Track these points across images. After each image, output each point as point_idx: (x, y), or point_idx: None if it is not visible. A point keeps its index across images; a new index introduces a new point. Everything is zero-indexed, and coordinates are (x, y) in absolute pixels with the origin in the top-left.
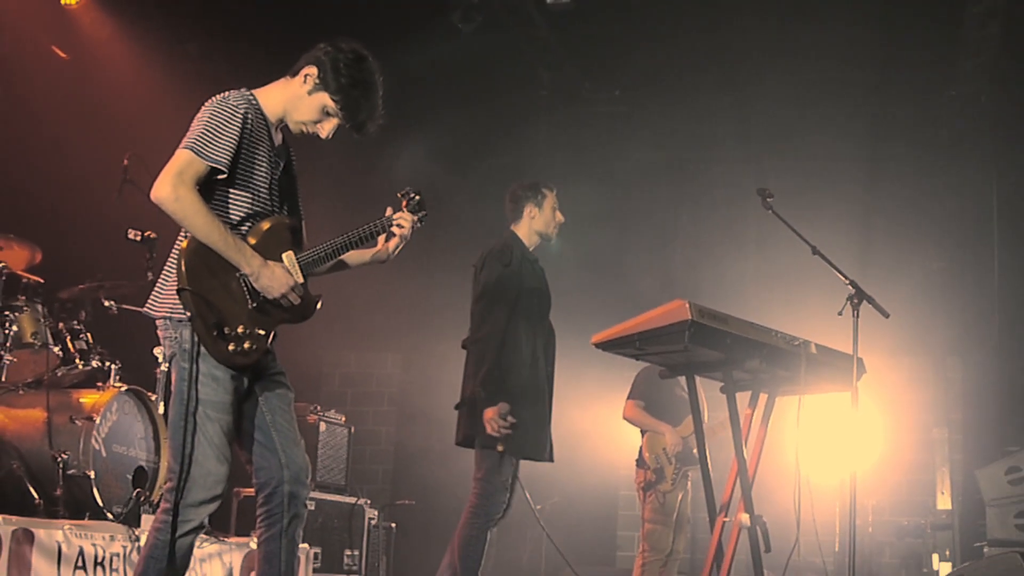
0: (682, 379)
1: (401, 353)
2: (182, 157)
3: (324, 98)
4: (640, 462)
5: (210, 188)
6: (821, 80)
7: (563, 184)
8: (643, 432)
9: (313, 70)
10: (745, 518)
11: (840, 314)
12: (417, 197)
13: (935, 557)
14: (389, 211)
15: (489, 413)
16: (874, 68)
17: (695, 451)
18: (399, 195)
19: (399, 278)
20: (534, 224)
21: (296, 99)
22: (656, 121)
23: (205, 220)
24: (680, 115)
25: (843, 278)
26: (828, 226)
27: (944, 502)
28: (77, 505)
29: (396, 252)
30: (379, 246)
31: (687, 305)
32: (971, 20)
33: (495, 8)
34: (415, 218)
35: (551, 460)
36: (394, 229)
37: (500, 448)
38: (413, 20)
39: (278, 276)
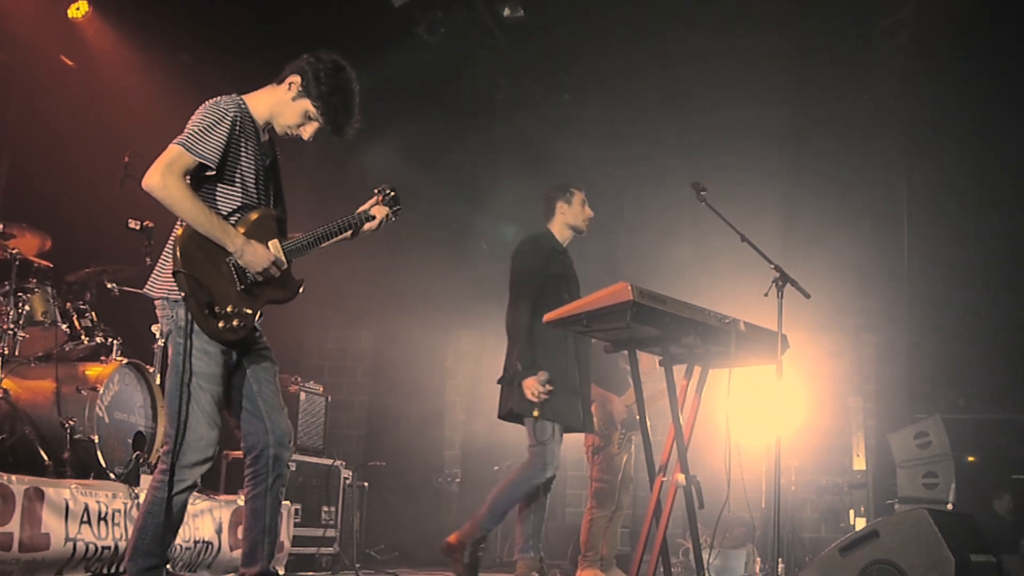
0: (625, 353)
1: (373, 330)
2: (172, 151)
3: (306, 104)
4: None
5: (203, 183)
6: (749, 85)
7: (518, 180)
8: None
9: (297, 79)
10: (681, 478)
11: (766, 295)
12: (392, 193)
13: (851, 513)
14: (370, 203)
15: (529, 381)
16: (796, 75)
17: (638, 417)
18: (376, 191)
19: (371, 264)
20: (566, 219)
21: (281, 105)
22: (602, 122)
23: (191, 204)
24: (623, 116)
25: (769, 263)
26: (755, 216)
27: (859, 463)
28: (83, 466)
29: (367, 233)
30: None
31: (629, 287)
32: (882, 32)
33: (457, 21)
34: (389, 211)
35: (592, 431)
36: (370, 218)
37: (536, 413)
38: (384, 32)
39: (259, 252)
